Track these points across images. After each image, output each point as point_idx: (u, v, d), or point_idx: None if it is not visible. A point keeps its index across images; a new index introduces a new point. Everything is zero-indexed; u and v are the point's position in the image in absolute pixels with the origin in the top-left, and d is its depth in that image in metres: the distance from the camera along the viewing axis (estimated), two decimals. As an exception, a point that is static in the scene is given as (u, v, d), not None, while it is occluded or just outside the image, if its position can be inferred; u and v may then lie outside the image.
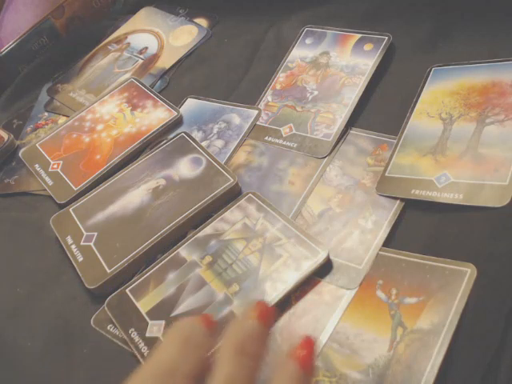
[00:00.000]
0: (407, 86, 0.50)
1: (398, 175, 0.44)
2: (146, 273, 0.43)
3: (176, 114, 0.56)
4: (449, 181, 0.41)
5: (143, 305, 0.41)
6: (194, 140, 0.52)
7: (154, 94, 0.59)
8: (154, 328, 0.39)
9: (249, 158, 0.51)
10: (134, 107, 0.59)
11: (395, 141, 0.46)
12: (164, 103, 0.58)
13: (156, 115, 0.57)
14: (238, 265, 0.42)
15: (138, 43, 0.69)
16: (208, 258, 0.43)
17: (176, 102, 0.58)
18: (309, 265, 0.40)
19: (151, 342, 0.38)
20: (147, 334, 0.39)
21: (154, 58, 0.66)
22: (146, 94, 0.60)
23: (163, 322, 0.39)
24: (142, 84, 0.61)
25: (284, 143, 0.51)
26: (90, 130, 0.58)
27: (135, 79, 0.62)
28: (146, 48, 0.68)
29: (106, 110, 0.60)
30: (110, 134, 0.57)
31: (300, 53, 0.58)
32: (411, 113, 0.48)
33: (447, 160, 0.43)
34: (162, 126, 0.56)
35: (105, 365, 0.40)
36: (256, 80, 0.59)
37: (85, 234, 0.47)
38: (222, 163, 0.49)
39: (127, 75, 0.64)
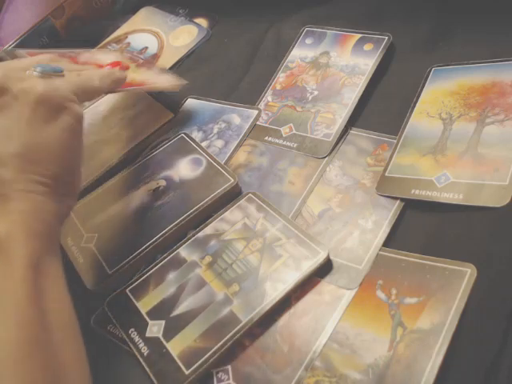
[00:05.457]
0: (407, 86, 0.50)
1: (398, 175, 0.44)
2: (146, 273, 0.43)
3: (176, 114, 0.56)
4: (449, 181, 0.41)
5: (143, 305, 0.41)
6: (193, 140, 0.52)
7: (154, 94, 0.59)
8: (154, 328, 0.39)
9: (249, 158, 0.51)
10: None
11: (395, 141, 0.46)
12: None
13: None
14: (237, 265, 0.42)
15: (138, 43, 0.69)
16: (208, 258, 0.43)
17: (176, 102, 0.58)
18: (309, 265, 0.40)
19: (151, 342, 0.38)
20: (147, 334, 0.39)
21: (154, 57, 0.66)
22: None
23: (163, 322, 0.39)
24: (142, 84, 0.61)
25: (284, 143, 0.51)
26: (90, 130, 0.58)
27: (135, 79, 0.62)
28: (146, 48, 0.68)
29: (106, 110, 0.59)
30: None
31: (300, 53, 0.58)
32: (411, 113, 0.48)
33: (447, 160, 0.43)
34: (162, 126, 0.55)
35: (105, 365, 0.40)
36: (256, 80, 0.58)
37: (85, 235, 0.47)
38: (222, 163, 0.49)
39: (127, 75, 0.64)
